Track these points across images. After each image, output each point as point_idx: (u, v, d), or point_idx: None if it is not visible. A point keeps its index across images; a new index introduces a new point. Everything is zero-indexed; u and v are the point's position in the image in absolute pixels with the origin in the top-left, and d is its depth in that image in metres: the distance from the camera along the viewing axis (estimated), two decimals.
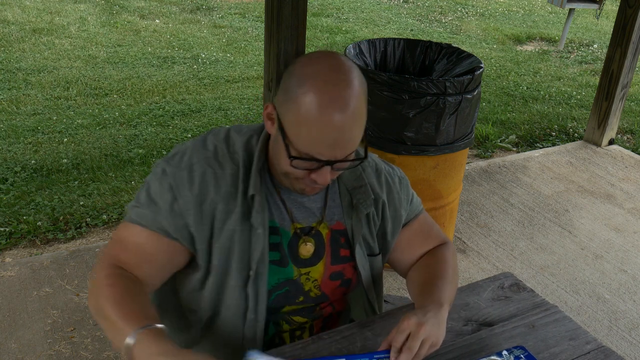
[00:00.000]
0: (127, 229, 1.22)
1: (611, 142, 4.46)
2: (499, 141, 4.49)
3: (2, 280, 2.61)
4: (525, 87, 5.70)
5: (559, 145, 4.53)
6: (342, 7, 8.14)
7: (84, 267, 2.72)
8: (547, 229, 3.39)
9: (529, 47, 7.19)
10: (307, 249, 1.29)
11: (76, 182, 3.45)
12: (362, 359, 1.16)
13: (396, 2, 8.74)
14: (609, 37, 5.35)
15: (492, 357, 1.22)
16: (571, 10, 6.78)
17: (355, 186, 1.32)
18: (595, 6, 6.69)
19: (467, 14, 8.43)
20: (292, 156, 1.12)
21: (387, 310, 1.39)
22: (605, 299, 2.85)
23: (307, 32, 2.87)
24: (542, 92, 5.60)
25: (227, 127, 1.31)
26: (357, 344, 1.25)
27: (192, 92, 4.98)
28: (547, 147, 4.50)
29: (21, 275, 2.65)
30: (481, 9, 8.74)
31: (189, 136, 4.18)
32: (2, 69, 5.08)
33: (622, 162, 4.27)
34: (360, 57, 2.77)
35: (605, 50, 6.90)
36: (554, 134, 4.75)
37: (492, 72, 6.06)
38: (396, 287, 2.75)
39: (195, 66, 5.58)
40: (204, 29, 6.75)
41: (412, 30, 7.41)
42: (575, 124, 4.94)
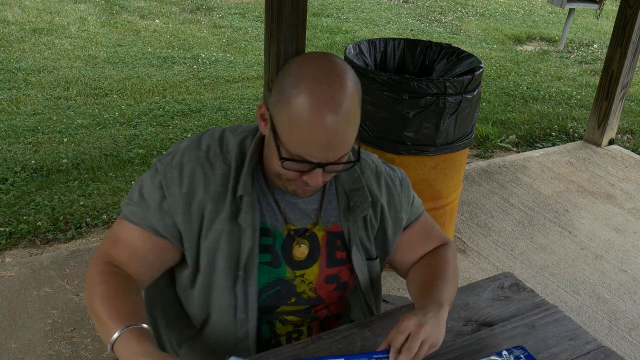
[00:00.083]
0: (119, 227, 1.24)
1: (611, 142, 4.46)
2: (499, 141, 4.49)
3: (2, 280, 2.61)
4: (525, 87, 5.70)
5: (559, 145, 4.53)
6: (342, 7, 8.14)
7: (84, 267, 2.72)
8: (547, 229, 3.39)
9: (529, 47, 7.19)
10: (301, 251, 1.27)
11: (76, 182, 3.45)
12: (361, 359, 1.16)
13: (396, 2, 8.74)
14: (609, 37, 5.36)
15: (492, 357, 1.22)
16: (571, 10, 6.78)
17: (352, 188, 1.31)
18: (595, 6, 6.68)
19: (467, 14, 8.43)
20: (283, 157, 1.11)
21: (387, 310, 1.39)
22: (605, 299, 2.85)
23: (307, 32, 2.87)
24: (542, 92, 5.60)
25: (224, 127, 1.31)
26: (357, 344, 1.25)
27: (192, 92, 4.98)
28: (547, 147, 4.50)
29: (21, 275, 2.65)
30: (481, 9, 8.74)
31: (189, 136, 4.17)
32: (2, 69, 5.08)
33: (622, 162, 4.27)
34: (360, 57, 2.77)
35: (605, 50, 6.90)
36: (554, 134, 4.75)
37: (492, 72, 6.06)
38: (396, 287, 2.75)
39: (195, 66, 5.59)
40: (204, 29, 6.75)
41: (412, 30, 7.41)
42: (575, 124, 4.94)
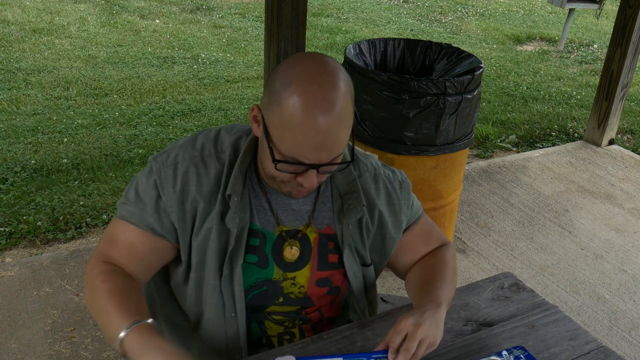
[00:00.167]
0: (117, 227, 1.24)
1: (611, 142, 4.46)
2: (499, 141, 4.49)
3: (2, 280, 2.61)
4: (525, 87, 5.70)
5: (559, 145, 4.53)
6: (342, 7, 8.14)
7: (84, 267, 2.72)
8: (547, 229, 3.39)
9: (529, 47, 7.19)
10: (292, 253, 1.27)
11: (76, 182, 3.45)
12: (360, 359, 1.16)
13: (396, 2, 8.74)
14: (609, 37, 5.36)
15: (492, 357, 1.22)
16: (571, 10, 6.78)
17: (347, 191, 1.29)
18: (595, 6, 6.68)
19: (467, 14, 8.43)
20: (276, 160, 1.11)
21: (386, 310, 1.39)
22: (605, 299, 2.85)
23: (307, 32, 2.87)
24: (542, 92, 5.60)
25: (220, 126, 1.31)
26: (357, 344, 1.25)
27: (192, 92, 4.98)
28: (547, 147, 4.50)
29: (21, 275, 2.65)
30: (481, 9, 8.74)
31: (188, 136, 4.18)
32: (2, 69, 5.08)
33: (622, 162, 4.27)
34: (360, 57, 2.77)
35: (605, 50, 6.90)
36: (554, 134, 4.75)
37: (492, 72, 6.06)
38: (396, 287, 2.75)
39: (195, 66, 5.58)
40: (204, 29, 6.75)
41: (412, 30, 7.41)
42: (575, 124, 4.94)
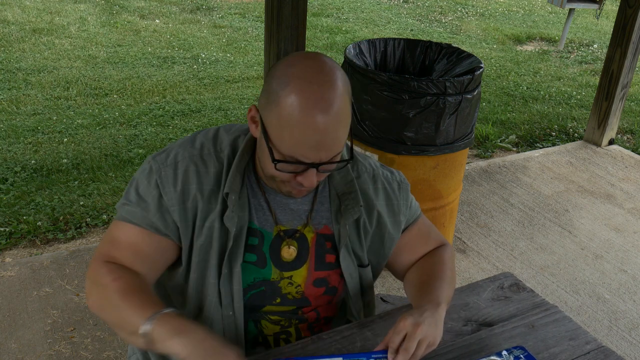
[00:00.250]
0: (118, 228, 1.23)
1: (611, 142, 4.46)
2: (499, 141, 4.49)
3: (2, 280, 2.61)
4: (525, 87, 5.70)
5: (559, 145, 4.53)
6: (342, 7, 8.14)
7: (84, 267, 2.72)
8: (547, 229, 3.39)
9: (529, 47, 7.19)
10: (290, 252, 1.27)
11: (76, 182, 3.45)
12: (360, 359, 1.16)
13: (396, 2, 8.74)
14: (609, 37, 5.36)
15: (492, 358, 1.22)
16: (571, 10, 6.78)
17: (345, 191, 1.30)
18: (595, 6, 6.68)
19: (467, 14, 8.43)
20: (276, 159, 1.11)
21: (387, 310, 1.39)
22: (605, 299, 2.85)
23: (307, 32, 2.87)
24: (542, 92, 5.60)
25: (218, 126, 1.31)
26: (357, 344, 1.25)
27: (192, 92, 4.98)
28: (547, 147, 4.50)
29: (21, 275, 2.65)
30: (481, 9, 8.74)
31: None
32: (2, 69, 5.08)
33: (622, 162, 4.27)
34: (360, 57, 2.77)
35: (605, 50, 6.90)
36: (554, 134, 4.75)
37: (492, 72, 6.06)
38: (396, 287, 2.75)
39: (195, 66, 5.58)
40: (204, 29, 6.75)
41: (412, 30, 7.41)
42: (575, 124, 4.94)
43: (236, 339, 1.27)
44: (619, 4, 4.08)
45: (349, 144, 1.22)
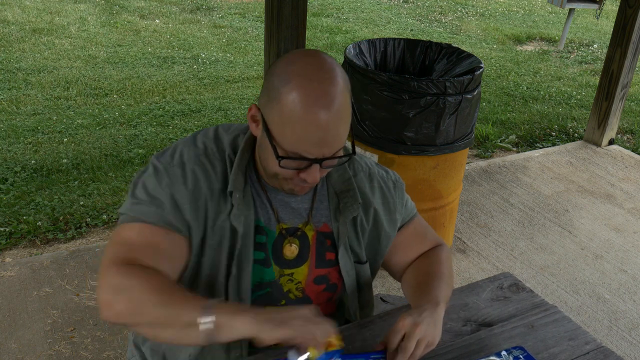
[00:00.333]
0: (132, 229, 1.18)
1: (611, 142, 4.46)
2: (499, 141, 4.49)
3: (2, 280, 2.61)
4: (525, 87, 5.70)
5: (559, 145, 4.53)
6: (342, 7, 8.14)
7: (84, 267, 2.72)
8: (547, 229, 3.39)
9: (529, 47, 7.19)
10: (292, 250, 1.28)
11: (76, 182, 3.45)
12: (358, 359, 1.16)
13: (396, 2, 8.74)
14: (609, 37, 5.35)
15: (491, 358, 1.22)
16: (571, 10, 6.78)
17: (343, 189, 1.31)
18: (595, 6, 6.68)
19: (467, 14, 8.43)
20: (280, 156, 1.11)
21: (386, 310, 1.39)
22: (605, 299, 2.85)
23: (307, 32, 2.87)
24: (542, 92, 5.60)
25: (216, 126, 1.31)
26: (357, 344, 1.25)
27: (192, 92, 4.98)
28: (547, 147, 4.50)
29: (21, 275, 2.65)
30: (481, 9, 8.74)
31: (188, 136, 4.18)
32: (2, 69, 5.08)
33: (622, 162, 4.27)
34: (360, 57, 2.77)
35: (605, 50, 6.90)
36: (554, 134, 4.75)
37: (492, 72, 6.06)
38: (396, 287, 2.75)
39: (195, 66, 5.59)
40: (204, 29, 6.75)
41: (412, 30, 7.41)
42: (575, 124, 4.94)
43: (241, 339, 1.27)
44: (619, 4, 4.08)
45: (349, 141, 1.23)
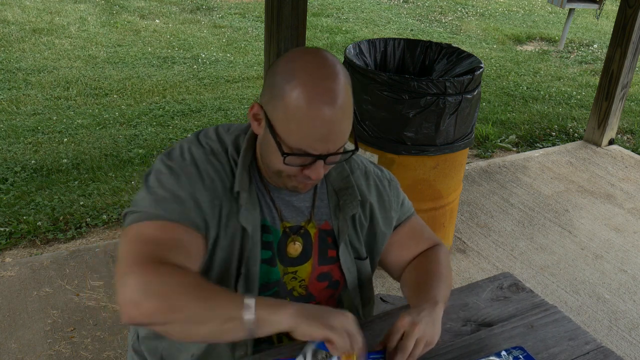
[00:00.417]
0: (155, 227, 1.13)
1: (611, 142, 4.46)
2: (499, 141, 4.49)
3: (2, 280, 2.61)
4: (525, 87, 5.70)
5: (559, 145, 4.53)
6: (342, 7, 8.14)
7: (84, 267, 2.72)
8: (547, 229, 3.39)
9: (529, 47, 7.19)
10: (295, 248, 1.29)
11: (76, 182, 3.45)
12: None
13: (396, 2, 8.74)
14: (609, 37, 5.35)
15: (491, 358, 1.22)
16: (571, 10, 6.78)
17: (342, 187, 1.33)
18: (595, 6, 6.68)
19: (467, 14, 8.43)
20: (285, 153, 1.12)
21: (386, 310, 1.39)
22: (605, 299, 2.85)
23: (307, 32, 2.87)
24: (542, 92, 5.60)
25: (215, 126, 1.31)
26: None
27: (192, 92, 4.98)
28: (547, 147, 4.50)
29: (21, 275, 2.65)
30: (481, 9, 8.74)
31: (188, 136, 4.18)
32: (2, 69, 5.08)
33: (622, 162, 4.27)
34: (360, 57, 2.77)
35: (605, 50, 6.90)
36: (554, 134, 4.75)
37: (492, 72, 6.06)
38: (396, 287, 2.75)
39: (195, 66, 5.59)
40: (204, 29, 6.75)
41: (412, 30, 7.41)
42: (575, 124, 4.94)
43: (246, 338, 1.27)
44: (619, 4, 4.08)
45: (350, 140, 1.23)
